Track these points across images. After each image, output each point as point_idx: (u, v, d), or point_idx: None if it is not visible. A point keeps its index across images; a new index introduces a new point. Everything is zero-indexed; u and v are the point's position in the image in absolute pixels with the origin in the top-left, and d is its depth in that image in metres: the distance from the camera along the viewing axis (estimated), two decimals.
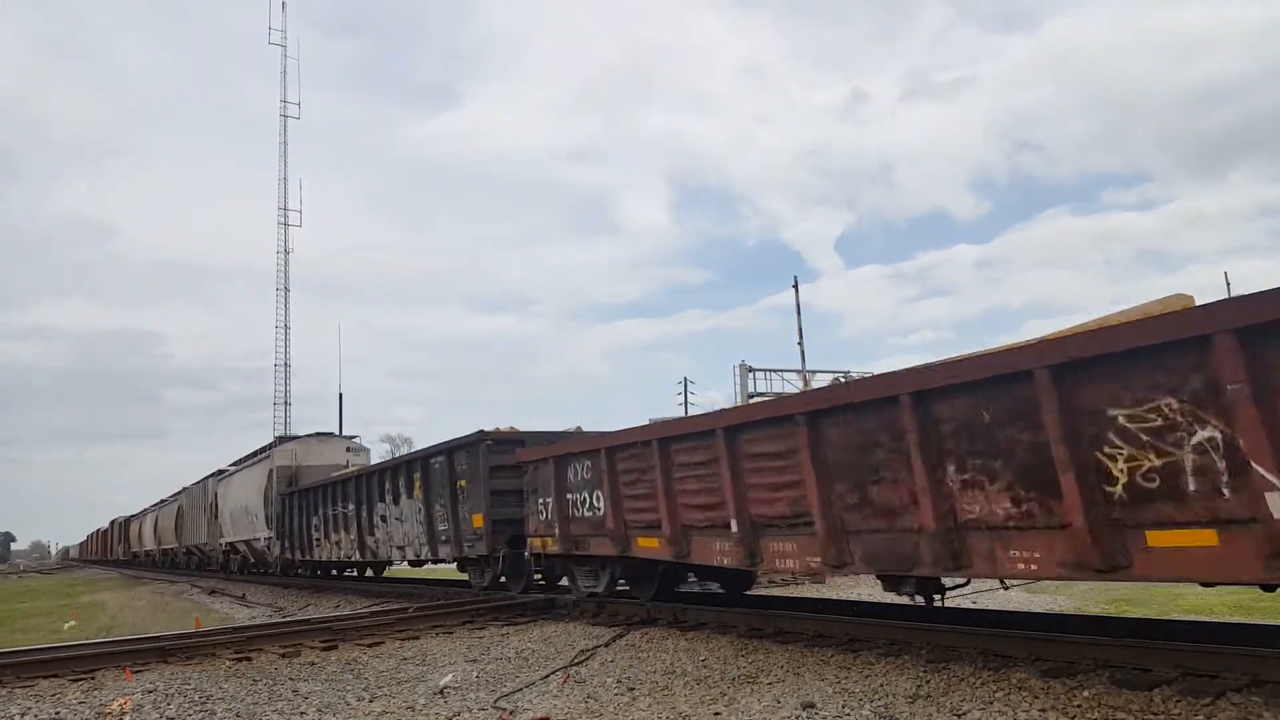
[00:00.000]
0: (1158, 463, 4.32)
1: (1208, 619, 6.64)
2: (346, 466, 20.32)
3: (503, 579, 12.07)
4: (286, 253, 53.35)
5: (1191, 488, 4.20)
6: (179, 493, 36.45)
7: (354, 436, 23.98)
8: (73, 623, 15.40)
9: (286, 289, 53.11)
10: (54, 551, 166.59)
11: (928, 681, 5.36)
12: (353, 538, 16.13)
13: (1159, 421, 4.31)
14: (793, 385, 29.55)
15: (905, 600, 7.46)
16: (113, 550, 62.74)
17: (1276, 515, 3.89)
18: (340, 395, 20.86)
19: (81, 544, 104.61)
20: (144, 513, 49.67)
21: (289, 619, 12.02)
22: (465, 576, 13.51)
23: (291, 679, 7.13)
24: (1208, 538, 4.14)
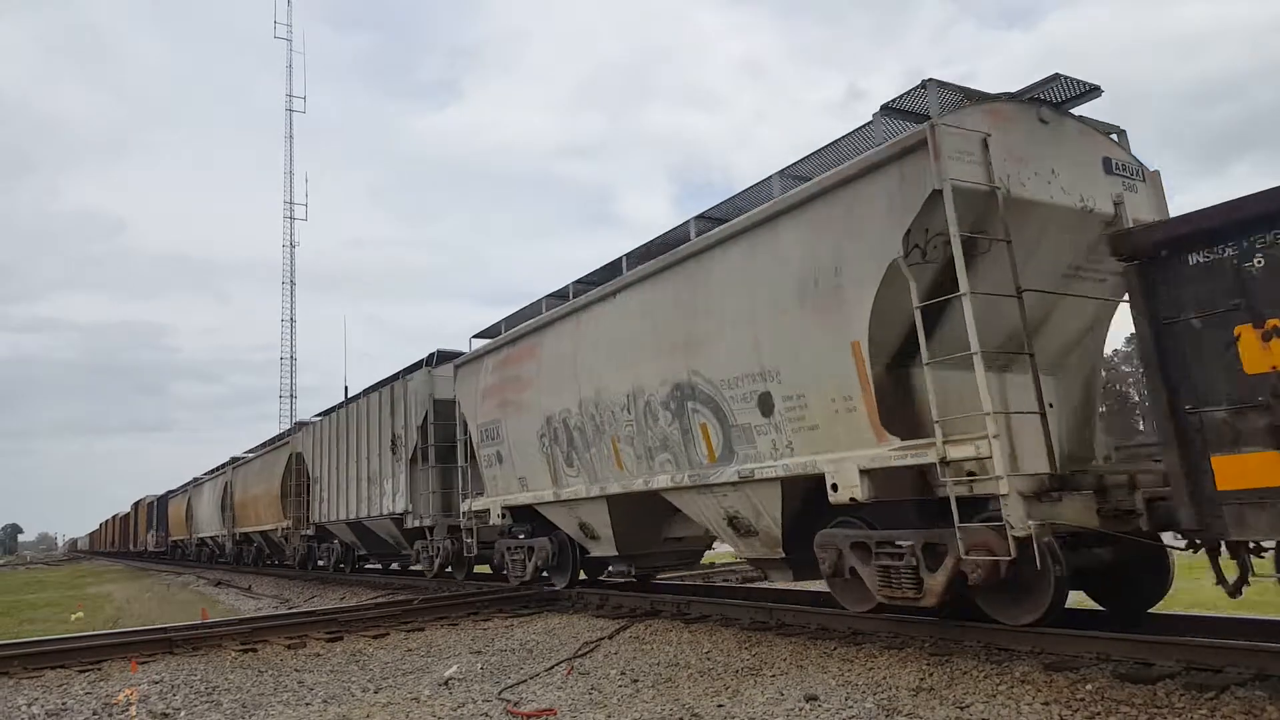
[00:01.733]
0: None
1: (1211, 614, 6.62)
2: (1118, 210, 6.28)
3: None
4: (292, 246, 53.60)
5: None
6: (285, 434, 22.98)
7: (1113, 131, 6.70)
8: (80, 614, 15.48)
9: (292, 282, 53.36)
10: (61, 543, 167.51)
11: (931, 674, 5.36)
12: None
13: None
14: None
15: None
16: (137, 540, 48.30)
17: None
18: (346, 389, 20.23)
19: (92, 534, 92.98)
20: (197, 483, 32.40)
21: (294, 610, 12.07)
22: None
23: (297, 670, 7.17)
24: None
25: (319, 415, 19.80)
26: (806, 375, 6.49)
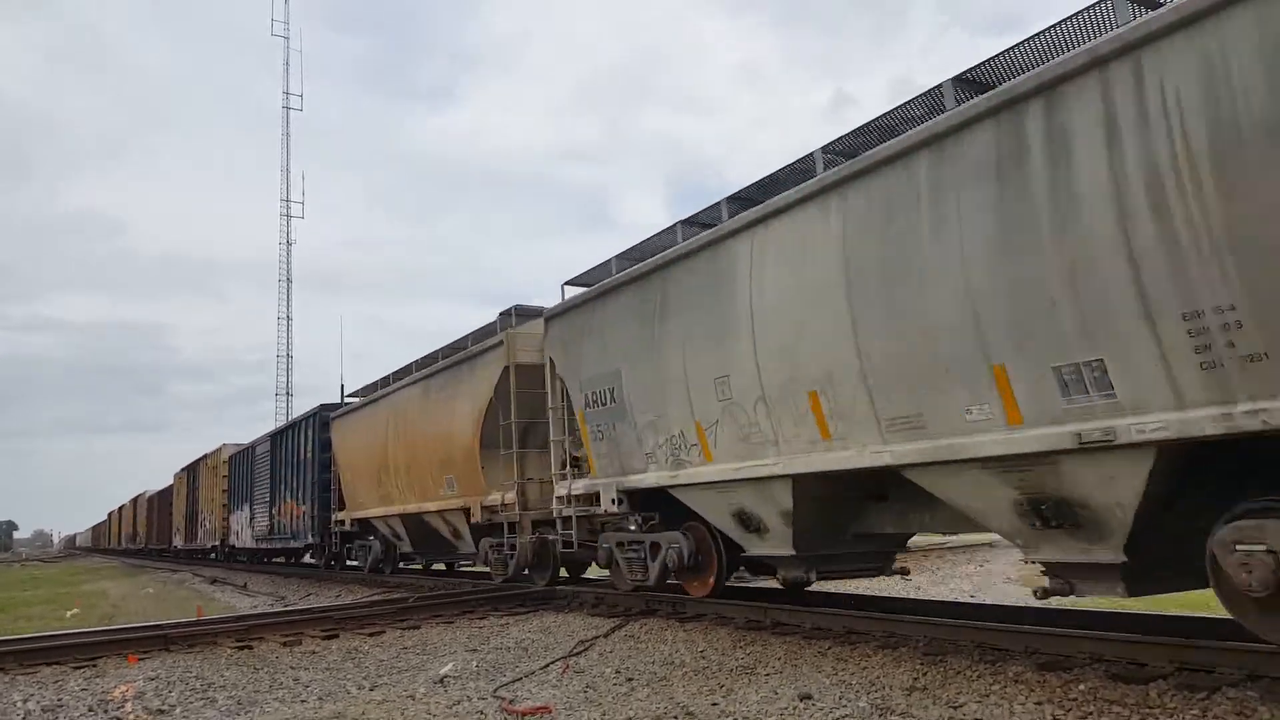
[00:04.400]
0: None
1: (1203, 614, 6.66)
2: None
3: None
4: (289, 244, 53.49)
5: None
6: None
7: None
8: (75, 611, 15.46)
9: (289, 280, 53.25)
10: (57, 540, 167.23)
11: (924, 674, 5.38)
12: None
13: None
14: None
15: (902, 593, 7.48)
16: (191, 531, 30.01)
17: None
18: (342, 388, 20.03)
19: (97, 527, 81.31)
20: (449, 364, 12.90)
21: (290, 608, 12.07)
22: None
23: (292, 667, 7.18)
24: None
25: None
26: None
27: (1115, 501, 4.76)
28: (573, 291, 9.88)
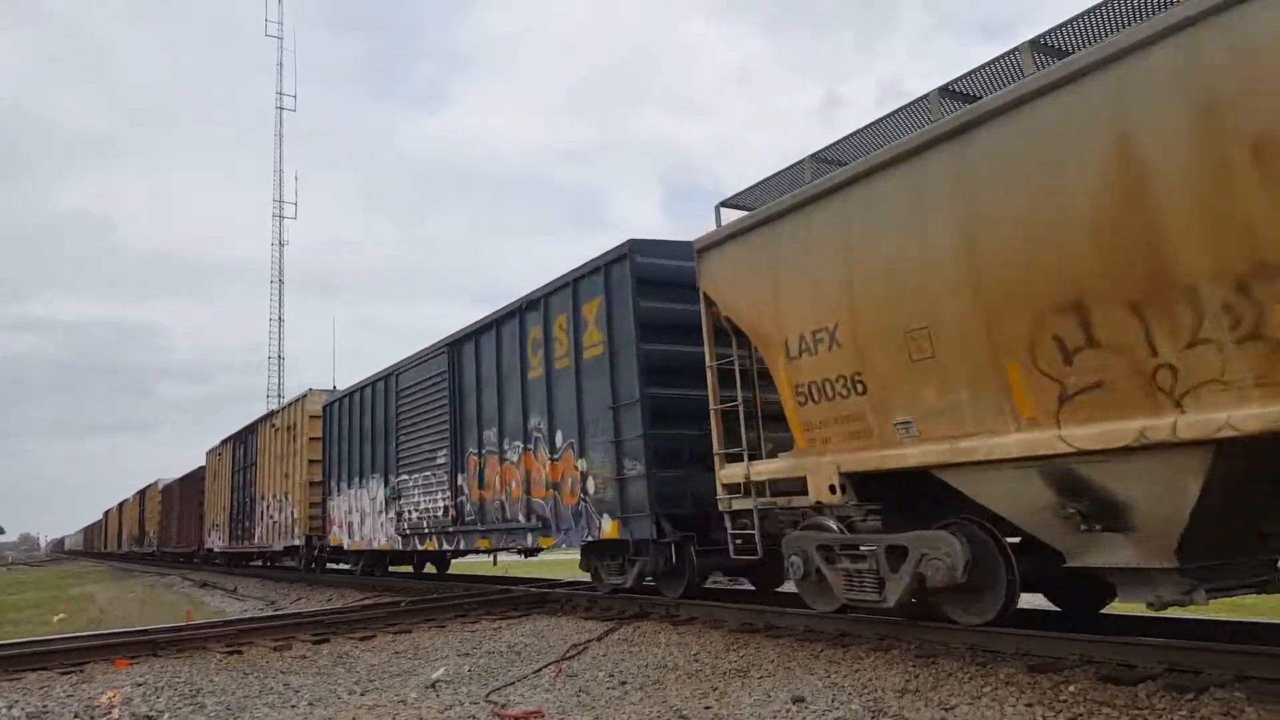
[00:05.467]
0: None
1: (1193, 616, 6.71)
2: None
3: None
4: (281, 245, 53.21)
5: None
6: None
7: None
8: (62, 615, 15.35)
9: (280, 281, 52.98)
10: (44, 544, 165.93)
11: (916, 676, 5.40)
12: None
13: None
14: None
15: None
16: (240, 525, 21.47)
17: None
18: (334, 388, 19.98)
19: (89, 528, 74.76)
20: None
21: (280, 612, 12.02)
22: None
23: (282, 672, 7.14)
24: None
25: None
26: None
27: None
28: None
